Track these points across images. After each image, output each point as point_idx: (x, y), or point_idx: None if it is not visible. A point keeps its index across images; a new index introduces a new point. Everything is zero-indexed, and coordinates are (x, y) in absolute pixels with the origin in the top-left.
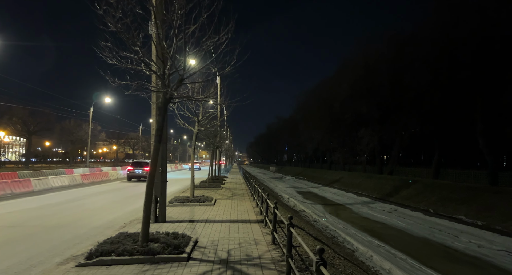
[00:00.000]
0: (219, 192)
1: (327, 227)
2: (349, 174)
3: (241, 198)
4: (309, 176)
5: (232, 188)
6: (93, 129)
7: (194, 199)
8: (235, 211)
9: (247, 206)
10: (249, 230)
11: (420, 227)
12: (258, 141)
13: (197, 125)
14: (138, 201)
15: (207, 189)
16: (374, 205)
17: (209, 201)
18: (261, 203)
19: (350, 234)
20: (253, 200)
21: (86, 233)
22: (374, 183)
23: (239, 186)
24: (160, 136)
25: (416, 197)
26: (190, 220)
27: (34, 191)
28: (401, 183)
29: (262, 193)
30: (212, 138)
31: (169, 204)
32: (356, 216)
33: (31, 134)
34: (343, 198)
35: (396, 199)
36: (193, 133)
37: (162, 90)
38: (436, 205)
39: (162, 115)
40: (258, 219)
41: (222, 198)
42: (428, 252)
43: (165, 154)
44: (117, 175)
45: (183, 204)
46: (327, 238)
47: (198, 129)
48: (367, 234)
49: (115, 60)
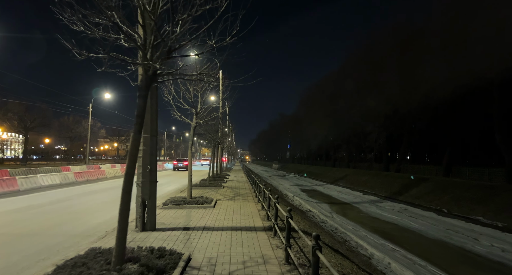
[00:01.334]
0: (220, 191)
1: (336, 229)
2: (354, 172)
3: (244, 199)
4: (312, 173)
5: (235, 187)
6: (93, 125)
7: (191, 200)
8: (238, 215)
9: (251, 208)
10: (255, 241)
11: (435, 228)
12: (261, 139)
13: (195, 118)
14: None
15: (207, 188)
16: (382, 204)
17: (209, 203)
18: (268, 206)
19: (361, 237)
20: (258, 202)
21: (59, 244)
22: (381, 181)
23: (242, 185)
24: (140, 125)
25: (427, 196)
26: (184, 227)
27: (20, 190)
28: (410, 181)
29: (270, 195)
30: (213, 133)
31: (163, 206)
32: (364, 216)
33: (28, 130)
34: (349, 197)
35: (406, 198)
36: (191, 126)
37: (141, 63)
38: (449, 205)
39: (143, 98)
40: (265, 225)
41: (224, 199)
42: (447, 257)
43: (154, 149)
44: (114, 172)
45: (179, 207)
46: (340, 243)
47: (196, 122)
48: (378, 236)
49: (82, 25)
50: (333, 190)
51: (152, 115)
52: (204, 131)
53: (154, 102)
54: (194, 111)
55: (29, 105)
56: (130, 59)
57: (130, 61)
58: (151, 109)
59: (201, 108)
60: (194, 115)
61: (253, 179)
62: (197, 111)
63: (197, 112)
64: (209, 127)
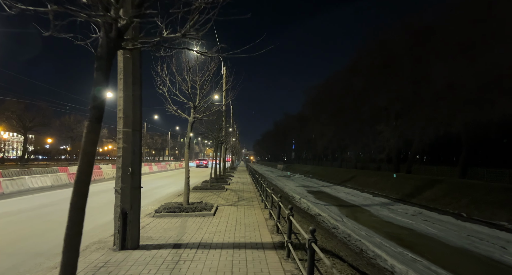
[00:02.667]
0: (223, 195)
1: (349, 236)
2: (362, 173)
3: (249, 204)
4: (319, 174)
5: (238, 189)
6: None
7: (188, 207)
8: (242, 225)
9: (257, 216)
10: (263, 267)
11: (455, 234)
12: (265, 139)
13: (193, 112)
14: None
15: (208, 191)
16: (394, 206)
17: (208, 210)
18: (277, 216)
19: (376, 244)
20: (265, 208)
21: (13, 268)
22: (391, 182)
23: (246, 187)
24: (98, 110)
25: (443, 198)
26: (176, 243)
27: (4, 193)
28: (423, 183)
29: (280, 203)
30: (215, 132)
31: (155, 214)
32: (376, 219)
33: (27, 130)
34: (358, 199)
35: (419, 200)
36: (188, 122)
37: (97, 14)
38: (468, 208)
39: (102, 70)
40: (274, 241)
41: (226, 204)
42: (476, 269)
43: (138, 147)
44: (113, 173)
45: (173, 215)
46: (356, 254)
47: (194, 117)
48: (395, 243)
49: None
50: (341, 192)
51: (135, 103)
52: (205, 129)
53: (137, 88)
54: (191, 105)
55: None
56: (84, 14)
57: (84, 16)
58: (134, 96)
59: (199, 102)
60: (192, 109)
61: (258, 180)
62: (195, 104)
63: (195, 105)
64: (210, 125)
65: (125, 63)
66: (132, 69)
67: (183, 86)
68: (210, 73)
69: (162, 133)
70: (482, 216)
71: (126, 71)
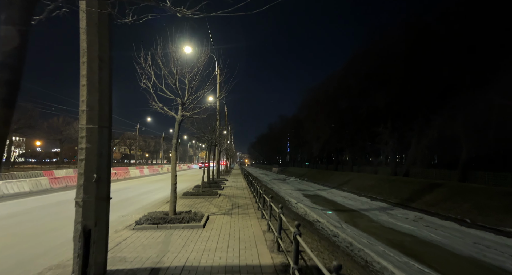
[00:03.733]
0: (215, 202)
1: (351, 244)
2: (359, 176)
3: (244, 213)
4: (314, 177)
5: (233, 195)
6: None
7: (175, 217)
8: (236, 240)
9: (253, 228)
10: None
11: (461, 242)
12: (260, 142)
13: (181, 109)
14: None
15: (199, 197)
16: (393, 211)
17: (197, 221)
18: (278, 230)
19: (380, 253)
20: (262, 217)
21: None
22: (389, 185)
23: (240, 192)
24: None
25: (444, 203)
26: (153, 267)
27: None
28: (422, 187)
29: (281, 216)
30: (209, 133)
31: (136, 226)
32: (376, 225)
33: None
34: (356, 203)
35: (419, 205)
36: (176, 120)
37: None
38: (472, 214)
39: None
40: (275, 263)
41: (218, 213)
42: None
43: (106, 148)
44: None
45: (157, 227)
46: (362, 267)
47: (182, 115)
48: (399, 252)
49: None
50: (337, 196)
51: (102, 93)
52: (197, 130)
53: (106, 73)
54: (179, 101)
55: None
56: None
57: None
58: (101, 83)
59: (188, 98)
60: (180, 106)
61: (254, 185)
62: (183, 101)
63: (184, 102)
64: (202, 125)
65: (90, 41)
66: (99, 49)
67: (169, 80)
68: (201, 66)
69: (155, 135)
70: (486, 221)
71: (90, 51)
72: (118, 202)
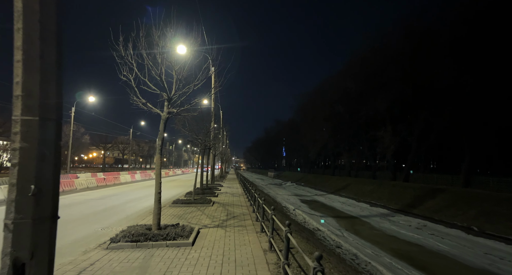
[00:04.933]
0: (208, 211)
1: (356, 256)
2: (357, 181)
3: (240, 225)
4: (311, 182)
5: (228, 203)
6: (75, 131)
7: (158, 233)
8: (231, 264)
9: (251, 246)
10: None
11: (471, 252)
12: (256, 146)
13: (167, 106)
14: None
15: (191, 205)
16: (395, 218)
17: (185, 237)
18: (285, 254)
19: (387, 266)
20: (261, 231)
21: None
22: (389, 191)
23: (236, 199)
24: None
25: (447, 209)
26: None
27: None
28: (424, 192)
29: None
30: (202, 135)
31: (110, 245)
32: (379, 233)
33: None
34: (355, 209)
35: (421, 211)
36: (161, 118)
37: None
38: (478, 221)
39: None
40: None
41: (210, 225)
42: None
43: (51, 148)
44: (87, 183)
45: (135, 246)
46: None
47: (168, 112)
48: (407, 264)
49: None
50: (335, 201)
51: (45, 71)
52: (189, 132)
53: (52, 46)
54: (165, 96)
55: None
56: None
57: None
58: (44, 59)
59: (176, 92)
60: (166, 102)
61: (250, 191)
62: (170, 96)
63: (170, 97)
64: (195, 127)
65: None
66: (41, 11)
67: (153, 71)
68: (190, 55)
69: (150, 140)
70: (495, 230)
71: (28, 14)
72: (101, 212)
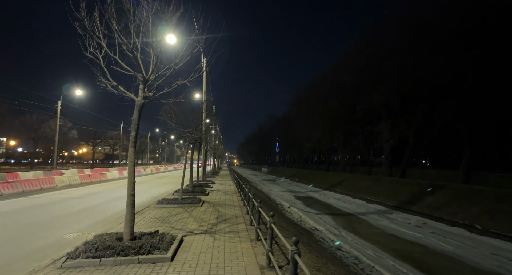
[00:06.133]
0: (196, 212)
1: (358, 259)
2: (352, 177)
3: (232, 231)
4: (305, 178)
5: (219, 202)
6: (62, 125)
7: (129, 246)
8: None
9: (245, 261)
10: None
11: (477, 253)
12: (250, 142)
13: (143, 89)
14: None
15: (178, 206)
16: (393, 215)
17: (163, 250)
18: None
19: (390, 269)
20: (257, 239)
21: None
22: (385, 187)
23: (228, 198)
24: None
25: (448, 206)
26: None
27: None
28: (422, 188)
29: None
30: (191, 129)
31: (67, 261)
32: (378, 232)
33: None
34: (351, 206)
35: (420, 208)
36: (135, 105)
37: None
38: (481, 219)
39: None
40: None
41: (197, 231)
42: None
43: None
44: (70, 180)
45: (98, 263)
46: None
47: (144, 97)
48: (411, 267)
49: None
50: (331, 198)
51: None
52: (175, 125)
53: None
54: (140, 78)
55: None
56: None
57: None
58: None
59: (153, 72)
60: (141, 85)
61: (244, 190)
62: (146, 77)
63: (147, 79)
64: (182, 119)
65: None
66: None
67: (125, 45)
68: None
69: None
70: (500, 228)
71: None
72: (75, 213)
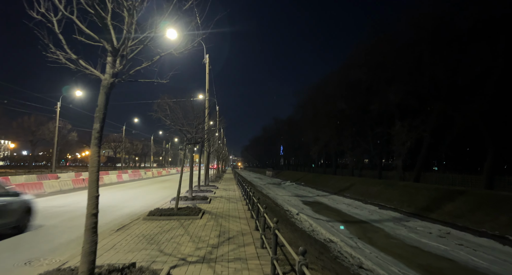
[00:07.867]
0: (194, 228)
1: None
2: (361, 181)
3: (238, 257)
4: (311, 182)
5: (222, 213)
6: (61, 127)
7: None
8: None
9: None
10: None
11: None
12: (254, 145)
13: (112, 62)
14: None
15: (173, 218)
16: (410, 223)
17: None
18: None
19: None
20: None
21: None
22: (399, 192)
23: (233, 207)
24: None
25: (472, 214)
26: None
27: None
28: (440, 194)
29: None
30: (190, 127)
31: None
32: (397, 243)
33: None
34: (363, 212)
35: (440, 216)
36: (101, 84)
37: None
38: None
39: None
40: None
41: (192, 259)
42: None
43: None
44: (60, 185)
45: None
46: None
47: (113, 74)
48: None
49: None
50: (340, 203)
51: None
52: (171, 122)
53: None
54: (108, 48)
55: None
56: None
57: None
58: None
59: (126, 40)
60: (109, 57)
61: (251, 198)
62: (116, 46)
63: (117, 48)
64: (179, 115)
65: None
66: None
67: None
68: None
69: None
70: None
71: None
72: (48, 228)
